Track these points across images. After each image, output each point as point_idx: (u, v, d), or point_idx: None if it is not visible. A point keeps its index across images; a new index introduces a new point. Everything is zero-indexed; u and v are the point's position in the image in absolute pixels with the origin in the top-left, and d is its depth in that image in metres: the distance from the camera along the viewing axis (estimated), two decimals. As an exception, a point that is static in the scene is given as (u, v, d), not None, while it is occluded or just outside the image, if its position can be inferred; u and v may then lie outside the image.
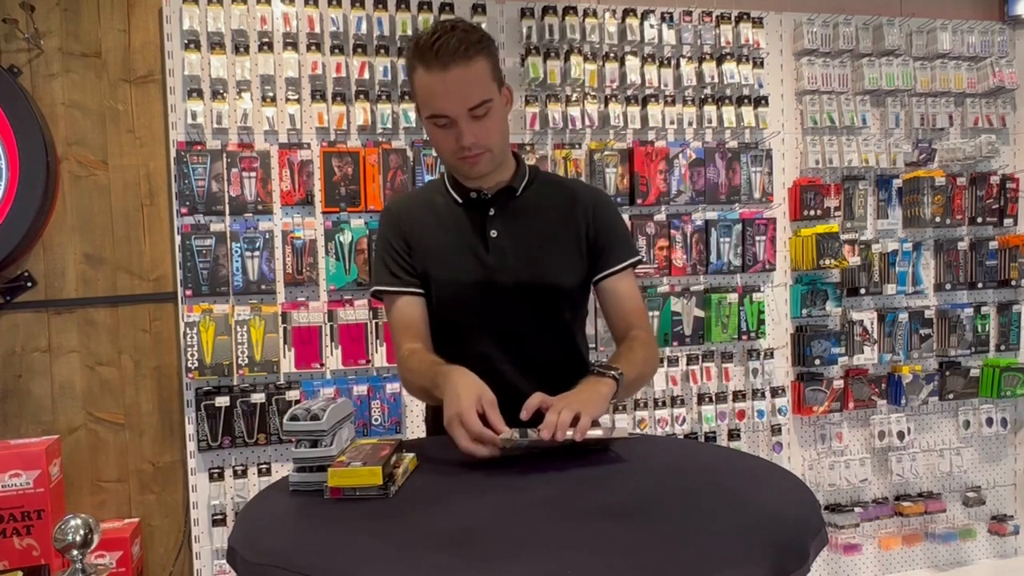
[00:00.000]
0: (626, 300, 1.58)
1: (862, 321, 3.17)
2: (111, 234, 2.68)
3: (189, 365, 2.58)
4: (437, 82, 1.38)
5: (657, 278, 3.01)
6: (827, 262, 3.03)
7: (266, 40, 2.65)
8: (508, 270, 1.52)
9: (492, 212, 1.55)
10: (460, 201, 1.57)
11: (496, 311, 1.53)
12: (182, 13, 2.57)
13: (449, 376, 1.34)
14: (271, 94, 2.67)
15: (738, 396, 3.08)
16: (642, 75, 2.92)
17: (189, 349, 2.58)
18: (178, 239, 2.60)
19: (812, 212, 3.12)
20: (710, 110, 3.02)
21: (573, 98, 2.88)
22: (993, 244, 3.32)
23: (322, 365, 2.70)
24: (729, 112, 3.03)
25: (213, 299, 2.62)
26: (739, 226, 3.04)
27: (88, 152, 2.66)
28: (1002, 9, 3.37)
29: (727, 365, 3.06)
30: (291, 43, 2.67)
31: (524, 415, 1.26)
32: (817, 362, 3.12)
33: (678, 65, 2.99)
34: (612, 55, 2.92)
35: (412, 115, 2.73)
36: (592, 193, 1.64)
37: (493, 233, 1.54)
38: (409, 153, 2.76)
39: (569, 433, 1.20)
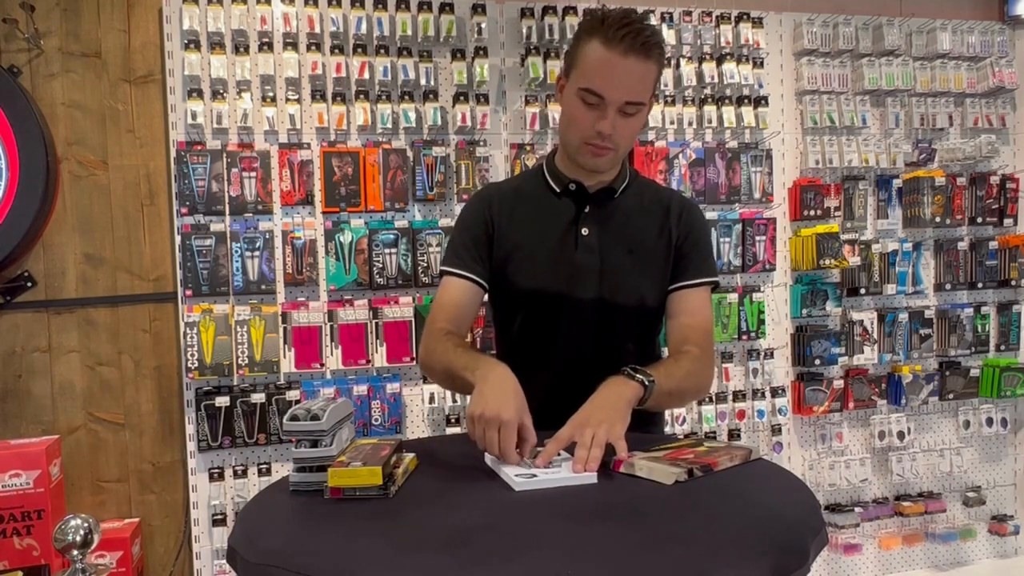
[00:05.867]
0: (691, 315, 1.52)
1: (862, 321, 3.17)
2: (111, 234, 2.68)
3: (189, 365, 2.58)
4: (611, 63, 1.37)
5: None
6: (827, 262, 3.02)
7: (266, 40, 2.65)
8: (593, 271, 1.50)
9: (588, 209, 1.53)
10: (558, 191, 1.55)
11: (576, 310, 1.50)
12: (182, 13, 2.57)
13: (494, 370, 1.29)
14: (271, 94, 2.67)
15: (738, 396, 3.08)
16: (642, 75, 2.91)
17: (189, 349, 2.58)
18: (178, 239, 2.60)
19: (812, 212, 3.12)
20: (710, 110, 3.02)
21: (573, 98, 2.88)
22: (993, 244, 3.32)
23: (322, 365, 2.70)
24: (729, 112, 3.03)
25: (213, 299, 2.62)
26: (739, 226, 3.04)
27: (88, 152, 2.66)
28: (1002, 9, 3.37)
29: (727, 365, 3.06)
30: (291, 43, 2.66)
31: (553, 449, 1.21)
32: (817, 362, 3.12)
33: (678, 65, 2.99)
34: (612, 55, 2.92)
35: (412, 115, 2.73)
36: (685, 202, 1.60)
37: (584, 231, 1.52)
38: (409, 153, 2.76)
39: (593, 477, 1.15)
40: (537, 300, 1.52)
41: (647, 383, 1.31)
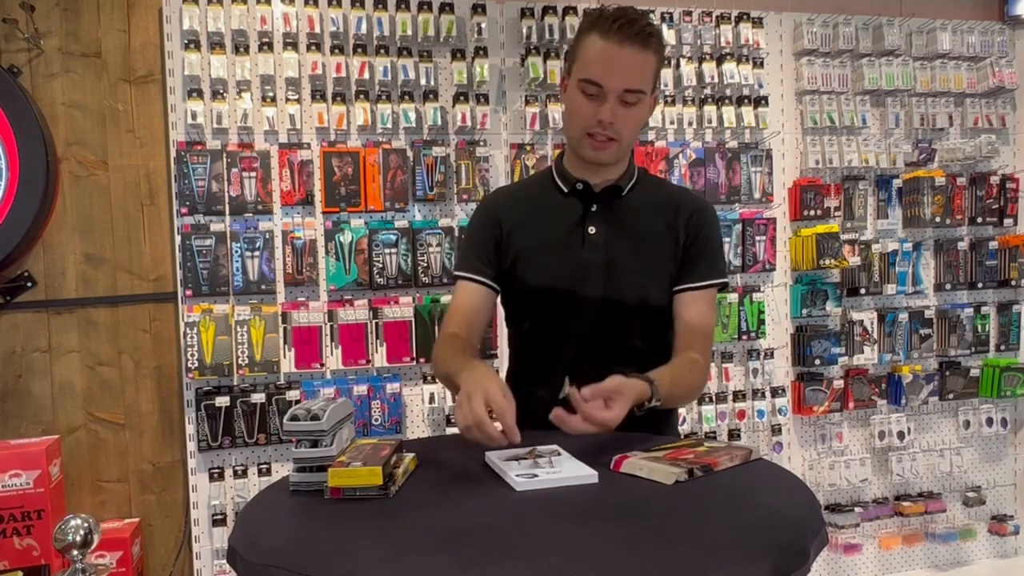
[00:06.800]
0: (694, 320, 1.53)
1: (862, 321, 3.17)
2: (111, 234, 2.68)
3: (189, 365, 2.58)
4: (608, 52, 1.40)
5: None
6: (827, 262, 3.02)
7: (266, 40, 2.65)
8: (599, 270, 1.51)
9: (595, 208, 1.54)
10: (565, 191, 1.57)
11: (583, 308, 1.51)
12: (182, 13, 2.57)
13: (466, 377, 1.29)
14: (271, 94, 2.67)
15: (738, 396, 3.08)
16: (642, 75, 2.91)
17: (189, 349, 2.58)
18: (178, 239, 2.60)
19: (812, 212, 3.12)
20: (710, 110, 3.02)
21: (573, 98, 2.88)
22: (993, 244, 3.32)
23: (322, 365, 2.70)
24: (729, 112, 3.03)
25: (213, 299, 2.62)
26: (739, 226, 3.04)
27: (88, 152, 2.66)
28: (1002, 9, 3.37)
29: (727, 365, 3.06)
30: (291, 43, 2.66)
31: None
32: (817, 362, 3.12)
33: (678, 65, 2.99)
34: (612, 55, 2.92)
35: (412, 115, 2.73)
36: (696, 201, 1.61)
37: (591, 230, 1.53)
38: (409, 153, 2.76)
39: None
40: (545, 299, 1.53)
41: (656, 401, 1.32)
